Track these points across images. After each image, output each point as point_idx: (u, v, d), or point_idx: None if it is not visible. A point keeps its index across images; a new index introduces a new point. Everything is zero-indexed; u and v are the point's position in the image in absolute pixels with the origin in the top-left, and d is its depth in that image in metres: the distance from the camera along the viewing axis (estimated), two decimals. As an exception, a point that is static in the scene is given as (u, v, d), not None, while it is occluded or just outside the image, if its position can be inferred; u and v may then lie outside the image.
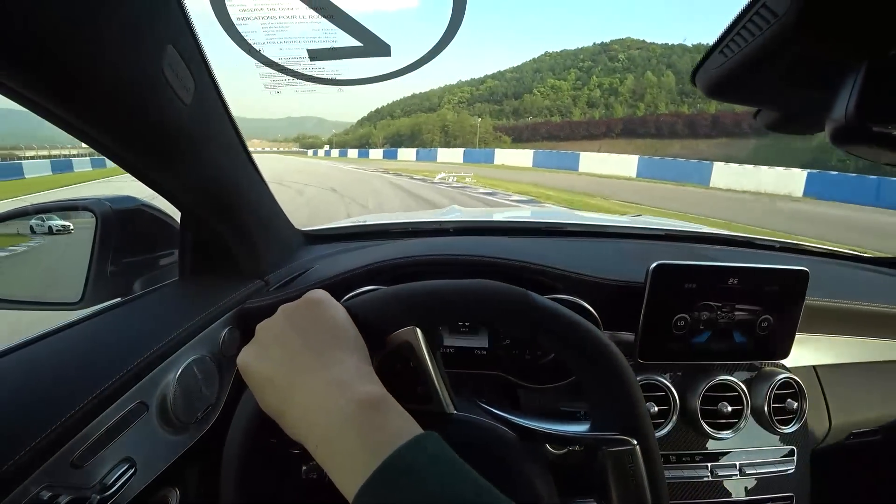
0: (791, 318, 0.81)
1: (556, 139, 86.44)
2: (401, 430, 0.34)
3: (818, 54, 0.33)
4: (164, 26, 0.53)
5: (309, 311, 0.44)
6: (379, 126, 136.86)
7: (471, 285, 0.48)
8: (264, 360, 0.41)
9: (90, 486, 0.49)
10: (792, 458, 0.85)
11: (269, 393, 0.39)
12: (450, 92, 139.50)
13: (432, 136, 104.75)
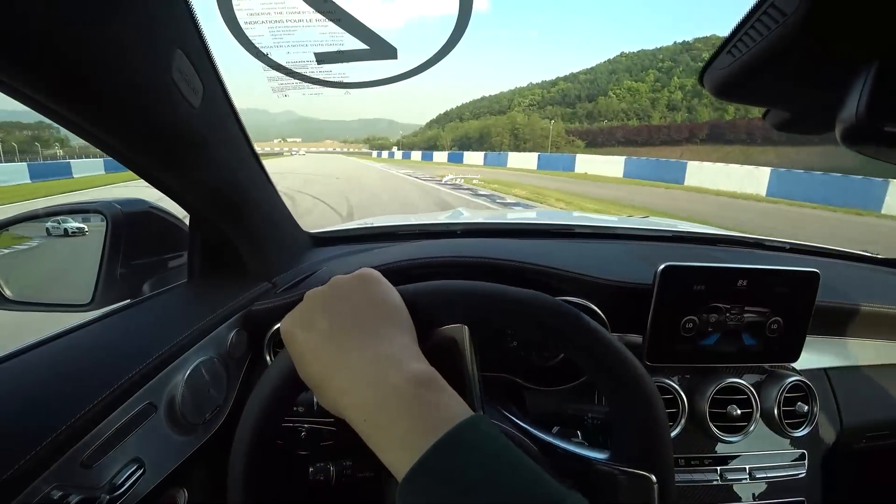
0: (801, 320, 0.81)
1: (634, 144, 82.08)
2: (455, 409, 0.34)
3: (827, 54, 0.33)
4: (174, 31, 0.53)
5: (362, 287, 0.44)
6: (447, 128, 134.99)
7: (527, 296, 0.47)
8: (311, 330, 0.40)
9: (100, 486, 0.49)
10: (803, 463, 0.84)
11: (313, 362, 0.39)
12: (520, 94, 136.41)
13: (501, 139, 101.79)
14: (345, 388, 0.36)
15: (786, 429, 0.81)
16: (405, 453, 0.31)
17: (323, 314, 0.41)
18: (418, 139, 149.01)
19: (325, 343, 0.39)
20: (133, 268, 0.84)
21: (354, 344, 0.38)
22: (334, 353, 0.38)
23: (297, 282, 0.89)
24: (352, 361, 0.37)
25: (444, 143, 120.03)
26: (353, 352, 0.37)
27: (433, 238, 1.20)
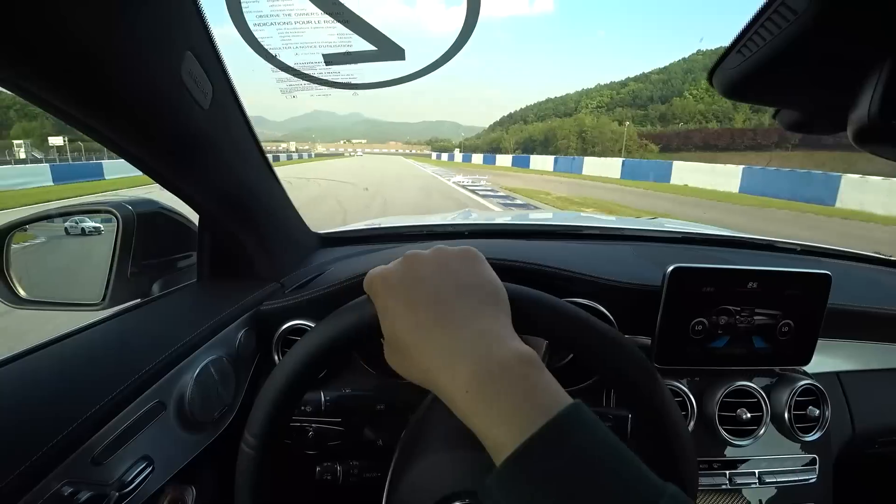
0: (813, 322, 0.79)
1: (713, 149, 74.58)
2: (559, 392, 0.34)
3: (839, 52, 0.33)
4: (184, 33, 0.54)
5: (468, 262, 0.43)
6: (510, 131, 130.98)
7: (608, 334, 0.47)
8: (410, 290, 0.39)
9: (109, 483, 0.49)
10: (814, 468, 0.82)
11: (404, 323, 0.38)
12: (587, 96, 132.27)
13: (568, 142, 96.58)
14: (444, 356, 0.36)
15: (796, 433, 0.80)
16: (511, 430, 0.30)
17: (427, 278, 0.40)
18: (481, 142, 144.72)
19: (427, 307, 0.38)
20: (143, 268, 0.85)
21: (458, 315, 0.37)
22: (435, 319, 0.37)
23: (305, 282, 0.89)
24: (454, 331, 0.36)
25: (506, 146, 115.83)
26: (456, 322, 0.37)
27: (441, 239, 1.20)
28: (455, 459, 0.52)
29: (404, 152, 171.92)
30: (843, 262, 1.25)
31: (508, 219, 1.71)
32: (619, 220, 1.62)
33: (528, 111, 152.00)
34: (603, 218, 1.69)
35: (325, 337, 0.44)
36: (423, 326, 0.37)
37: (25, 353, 0.57)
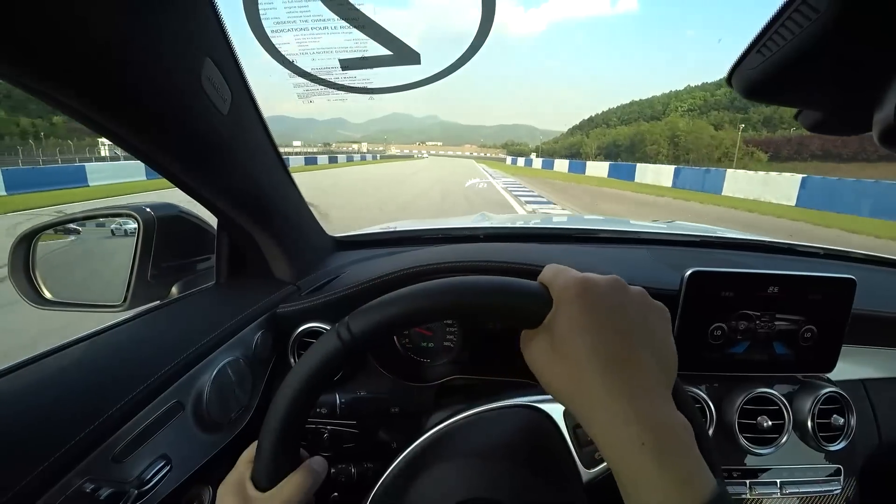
0: (836, 328, 0.77)
1: (835, 158, 62.23)
2: (705, 467, 0.34)
3: (862, 52, 0.32)
4: (203, 40, 0.55)
5: (663, 316, 0.42)
6: (592, 135, 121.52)
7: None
8: (617, 317, 0.38)
9: (129, 481, 0.50)
10: (838, 478, 0.80)
11: (597, 346, 0.37)
12: (677, 98, 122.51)
13: (658, 147, 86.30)
14: (625, 400, 0.35)
15: (820, 442, 0.78)
16: (684, 496, 0.31)
17: (636, 314, 0.40)
18: (559, 146, 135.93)
19: (628, 343, 0.37)
20: (163, 270, 0.87)
21: (650, 365, 0.37)
22: (630, 359, 0.37)
23: (322, 285, 0.90)
24: (644, 380, 0.36)
25: (588, 151, 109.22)
26: (646, 371, 0.37)
27: (457, 242, 1.20)
28: (468, 467, 0.52)
29: (477, 155, 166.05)
30: (867, 265, 1.21)
31: (524, 222, 1.70)
32: (636, 224, 1.60)
33: (611, 114, 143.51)
34: (620, 221, 1.67)
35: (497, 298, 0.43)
36: (616, 360, 0.36)
37: (48, 354, 0.59)
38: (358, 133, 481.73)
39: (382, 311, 0.43)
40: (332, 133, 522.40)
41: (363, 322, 0.43)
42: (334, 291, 0.84)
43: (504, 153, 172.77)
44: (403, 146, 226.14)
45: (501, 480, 0.51)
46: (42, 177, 16.80)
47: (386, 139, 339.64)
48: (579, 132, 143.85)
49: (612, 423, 0.35)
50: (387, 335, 0.47)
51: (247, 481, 0.45)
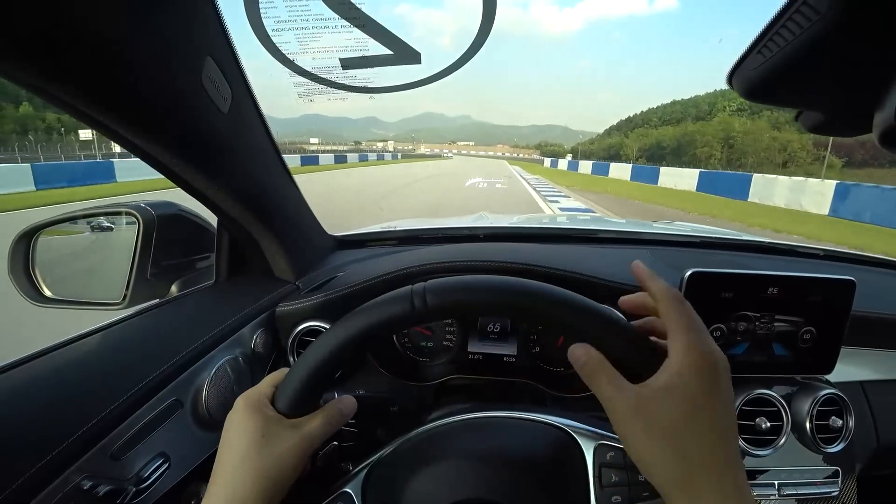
0: (836, 330, 0.77)
1: None
2: None
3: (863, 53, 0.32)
4: (204, 39, 0.55)
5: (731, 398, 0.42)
6: (632, 136, 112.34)
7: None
8: (706, 408, 0.38)
9: (127, 478, 0.50)
10: (836, 480, 0.80)
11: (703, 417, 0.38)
12: (724, 97, 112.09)
13: (710, 149, 76.21)
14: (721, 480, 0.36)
15: (818, 444, 0.78)
16: None
17: (725, 394, 0.40)
18: (596, 147, 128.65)
19: (721, 424, 0.38)
20: (163, 268, 0.87)
21: (732, 436, 0.39)
22: (724, 437, 0.38)
23: (321, 284, 0.90)
24: (731, 453, 0.38)
25: (629, 152, 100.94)
26: (733, 442, 0.39)
27: (457, 242, 1.21)
28: (464, 468, 0.52)
29: (509, 156, 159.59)
30: (867, 267, 1.21)
31: (523, 222, 1.70)
32: (636, 224, 1.60)
33: (651, 114, 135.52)
34: (619, 222, 1.67)
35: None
36: (721, 437, 0.38)
37: (48, 351, 0.59)
38: (391, 132, 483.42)
39: (468, 293, 0.43)
40: (365, 132, 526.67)
41: (443, 297, 0.43)
42: (334, 290, 0.84)
43: (538, 154, 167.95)
44: (434, 145, 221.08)
45: (507, 487, 0.51)
46: (70, 173, 16.65)
47: (413, 137, 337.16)
48: (617, 133, 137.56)
49: (710, 495, 0.36)
50: (460, 317, 0.46)
51: (268, 401, 0.46)
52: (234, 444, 0.43)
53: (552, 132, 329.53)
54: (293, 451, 0.44)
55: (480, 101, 27.98)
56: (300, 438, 0.44)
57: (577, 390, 0.83)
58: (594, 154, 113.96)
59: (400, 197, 14.07)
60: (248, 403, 0.45)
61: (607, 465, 0.51)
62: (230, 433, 0.44)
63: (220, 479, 0.42)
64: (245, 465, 0.42)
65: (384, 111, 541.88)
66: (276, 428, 0.44)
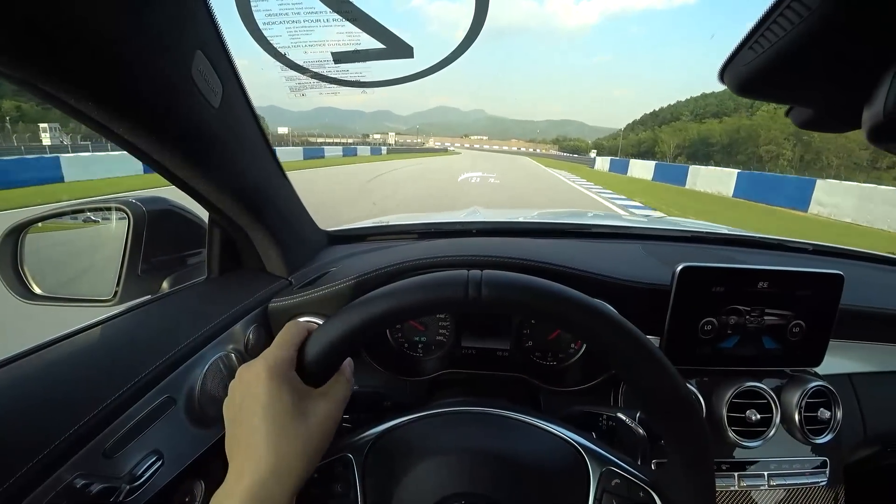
0: (824, 323, 0.78)
1: None
2: None
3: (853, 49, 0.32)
4: (194, 33, 0.54)
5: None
6: (666, 130, 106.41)
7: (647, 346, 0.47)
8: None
9: (120, 476, 0.50)
10: (824, 471, 0.81)
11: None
12: None
13: (778, 148, 64.41)
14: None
15: (807, 435, 0.79)
16: None
17: None
18: (623, 143, 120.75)
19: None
20: (154, 264, 0.86)
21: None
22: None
23: (314, 279, 0.90)
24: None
25: (665, 149, 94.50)
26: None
27: (450, 237, 1.21)
28: (450, 464, 0.52)
29: (525, 150, 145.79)
30: (856, 261, 1.23)
31: (517, 217, 1.71)
32: (629, 219, 1.61)
33: (682, 108, 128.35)
34: (611, 216, 1.68)
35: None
36: None
37: (38, 349, 0.58)
38: (403, 125, 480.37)
39: (526, 293, 0.43)
40: (378, 125, 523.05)
41: (501, 292, 0.43)
42: (327, 285, 0.84)
43: (556, 149, 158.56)
44: (445, 139, 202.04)
45: (510, 488, 0.51)
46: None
47: (418, 129, 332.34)
48: (641, 128, 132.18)
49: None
50: (511, 315, 0.46)
51: (292, 368, 0.45)
52: (268, 417, 0.42)
53: (567, 127, 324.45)
54: (329, 421, 0.45)
55: (494, 96, 27.29)
56: (334, 407, 0.46)
57: (568, 384, 0.84)
58: (622, 150, 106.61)
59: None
60: (274, 373, 0.44)
61: (610, 491, 0.51)
62: (255, 407, 0.43)
63: (255, 453, 0.41)
64: (286, 438, 0.42)
65: (398, 104, 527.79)
66: (310, 403, 0.44)
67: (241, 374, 0.46)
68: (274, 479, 0.40)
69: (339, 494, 0.50)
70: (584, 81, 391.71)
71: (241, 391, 0.45)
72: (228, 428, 0.45)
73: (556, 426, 0.57)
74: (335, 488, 0.51)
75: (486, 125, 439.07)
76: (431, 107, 27.71)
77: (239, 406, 0.44)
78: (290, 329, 0.48)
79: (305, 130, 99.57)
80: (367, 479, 0.51)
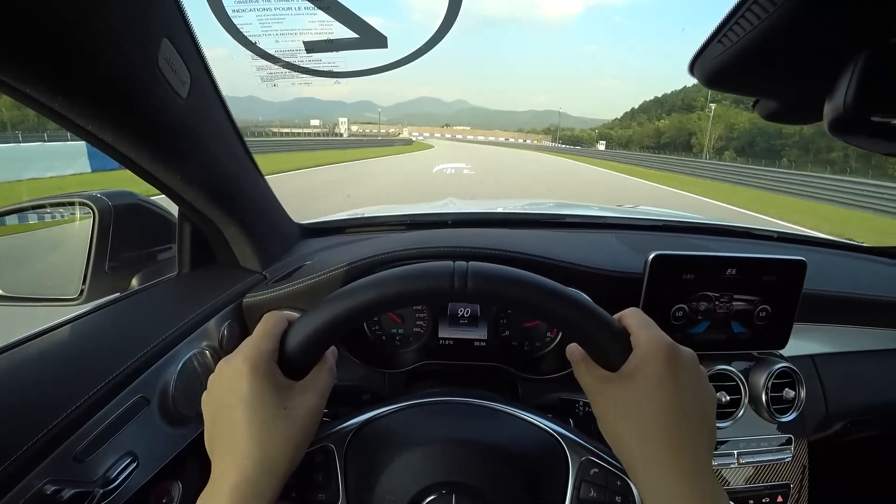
0: (789, 307, 0.82)
1: None
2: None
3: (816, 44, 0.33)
4: (160, 19, 0.52)
5: (709, 388, 0.48)
6: (702, 117, 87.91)
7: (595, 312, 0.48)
8: (675, 393, 0.43)
9: (93, 480, 0.49)
10: (789, 447, 0.85)
11: (677, 407, 0.42)
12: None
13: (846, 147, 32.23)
14: (679, 469, 0.40)
15: (773, 414, 0.83)
16: None
17: (693, 384, 0.45)
18: (641, 132, 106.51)
19: (686, 413, 0.42)
20: (122, 261, 0.83)
21: (698, 431, 0.43)
22: (687, 428, 0.41)
23: (289, 273, 0.88)
24: (694, 446, 0.41)
25: (701, 141, 79.74)
26: (697, 437, 0.42)
27: (425, 228, 1.20)
28: (431, 453, 0.53)
29: (515, 141, 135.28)
30: (817, 248, 1.28)
31: (491, 208, 1.72)
32: (601, 209, 1.64)
33: (693, 93, 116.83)
34: (585, 206, 1.71)
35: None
36: (685, 427, 0.41)
37: (2, 350, 0.56)
38: (385, 116, 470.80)
39: (508, 286, 0.44)
40: (359, 116, 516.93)
41: (487, 285, 0.43)
42: (303, 279, 0.83)
43: (549, 140, 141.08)
44: (424, 128, 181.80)
45: (490, 476, 0.52)
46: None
47: (372, 117, 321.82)
48: (643, 116, 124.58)
49: (673, 495, 0.39)
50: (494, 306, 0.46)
51: (274, 361, 0.44)
52: (251, 412, 0.42)
53: (551, 117, 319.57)
54: (312, 413, 0.45)
55: (477, 87, 26.71)
56: (316, 399, 0.46)
57: (545, 372, 0.85)
58: (635, 142, 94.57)
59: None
60: (255, 366, 0.43)
61: (589, 480, 0.52)
62: (237, 402, 0.42)
63: (240, 450, 0.41)
64: (270, 433, 0.42)
65: (379, 95, 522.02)
66: (293, 395, 0.44)
67: (220, 369, 0.45)
68: (260, 475, 0.40)
69: (320, 484, 0.50)
70: (569, 72, 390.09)
71: (222, 386, 0.44)
72: (208, 424, 0.45)
73: (535, 416, 0.58)
74: (316, 478, 0.51)
75: (469, 116, 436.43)
76: (414, 97, 26.45)
77: (219, 401, 0.44)
78: (270, 320, 0.47)
79: (287, 121, 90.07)
80: (349, 468, 0.51)
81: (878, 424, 1.02)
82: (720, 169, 30.56)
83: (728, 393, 0.81)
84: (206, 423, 0.45)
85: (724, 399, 0.81)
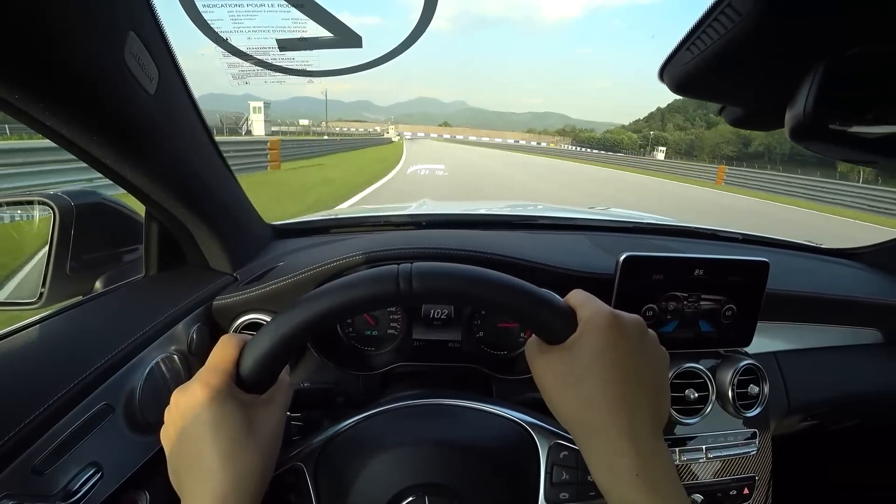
0: (753, 306, 0.85)
1: None
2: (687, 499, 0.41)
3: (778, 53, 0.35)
4: (126, 12, 0.50)
5: (658, 353, 0.49)
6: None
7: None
8: (642, 353, 0.45)
9: (53, 493, 0.47)
10: (754, 441, 0.88)
11: (622, 378, 0.42)
12: None
13: None
14: (628, 431, 0.40)
15: (739, 410, 0.85)
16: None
17: (655, 352, 0.47)
18: (712, 135, 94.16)
19: (628, 381, 0.42)
20: (85, 262, 0.80)
21: (643, 400, 0.43)
22: (628, 396, 0.42)
23: (261, 274, 0.87)
24: (637, 415, 0.42)
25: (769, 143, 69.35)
26: (642, 405, 0.43)
27: (399, 229, 1.20)
28: (402, 457, 0.53)
29: (528, 144, 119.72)
30: (780, 250, 1.33)
31: (465, 209, 1.72)
32: (573, 211, 1.67)
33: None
34: (558, 208, 1.73)
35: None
36: (626, 396, 0.41)
37: None
38: (383, 116, 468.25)
39: (452, 282, 0.44)
40: (357, 115, 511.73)
41: (430, 283, 0.43)
42: (274, 281, 0.81)
43: (568, 143, 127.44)
44: (419, 128, 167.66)
45: (462, 474, 0.52)
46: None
47: (389, 120, 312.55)
48: (679, 116, 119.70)
49: (612, 453, 0.39)
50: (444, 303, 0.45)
51: (233, 382, 0.44)
52: (217, 437, 0.41)
53: (550, 119, 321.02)
54: (278, 426, 0.45)
55: (476, 88, 26.30)
56: (279, 412, 0.46)
57: (519, 372, 0.86)
58: (697, 148, 77.01)
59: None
60: (214, 391, 0.42)
61: (560, 463, 0.53)
62: (201, 430, 0.41)
63: (211, 475, 0.40)
64: (240, 453, 0.41)
65: (377, 95, 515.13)
66: (257, 412, 0.44)
67: (176, 400, 0.44)
68: (235, 495, 0.39)
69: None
70: (567, 74, 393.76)
71: (181, 417, 0.43)
72: (172, 458, 0.44)
73: (503, 408, 0.58)
74: (289, 498, 0.50)
75: (467, 116, 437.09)
76: (412, 98, 25.85)
77: (181, 433, 0.42)
78: (224, 344, 0.46)
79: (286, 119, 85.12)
80: (321, 485, 0.51)
81: (834, 418, 1.07)
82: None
83: (696, 390, 0.83)
84: (169, 458, 0.44)
85: (693, 396, 0.83)
